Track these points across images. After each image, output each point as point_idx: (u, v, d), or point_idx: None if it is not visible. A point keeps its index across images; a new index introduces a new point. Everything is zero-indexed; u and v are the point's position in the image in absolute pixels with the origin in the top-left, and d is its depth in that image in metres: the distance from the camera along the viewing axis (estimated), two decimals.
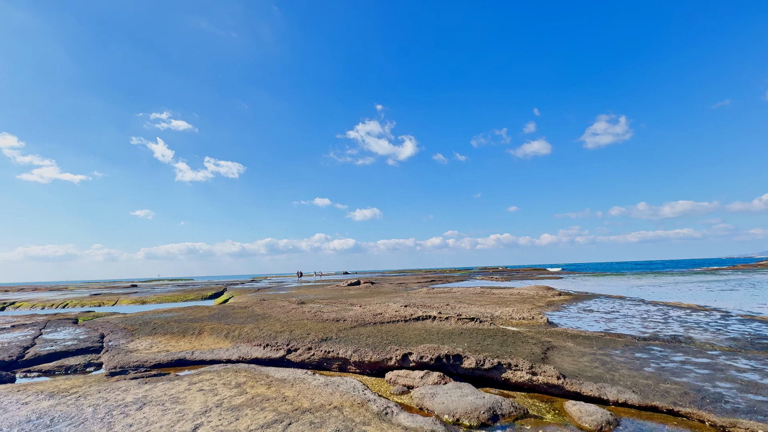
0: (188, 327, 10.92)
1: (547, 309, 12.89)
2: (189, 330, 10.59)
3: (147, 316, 14.27)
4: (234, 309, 14.79)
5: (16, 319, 15.38)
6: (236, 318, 12.07)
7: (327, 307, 13.67)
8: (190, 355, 8.29)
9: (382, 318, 9.92)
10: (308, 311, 11.60)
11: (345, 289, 26.96)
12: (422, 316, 9.77)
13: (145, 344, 9.42)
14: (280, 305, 14.00)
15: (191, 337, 9.96)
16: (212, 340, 9.46)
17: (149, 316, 14.00)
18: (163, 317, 13.48)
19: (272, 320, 10.85)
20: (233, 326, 10.50)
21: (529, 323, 9.61)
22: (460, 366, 6.05)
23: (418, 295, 18.12)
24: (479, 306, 12.59)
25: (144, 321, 12.55)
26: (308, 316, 10.89)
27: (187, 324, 11.48)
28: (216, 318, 12.36)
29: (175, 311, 15.71)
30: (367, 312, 10.73)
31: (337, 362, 7.20)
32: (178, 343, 9.48)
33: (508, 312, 10.59)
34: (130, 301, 28.13)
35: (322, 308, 12.83)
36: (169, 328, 11.03)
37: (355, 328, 9.00)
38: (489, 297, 16.10)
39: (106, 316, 15.79)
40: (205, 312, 14.56)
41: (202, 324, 11.28)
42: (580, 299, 15.85)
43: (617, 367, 6.03)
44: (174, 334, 10.33)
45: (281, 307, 13.41)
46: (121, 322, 12.80)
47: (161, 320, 12.57)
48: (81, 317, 15.64)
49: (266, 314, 12.28)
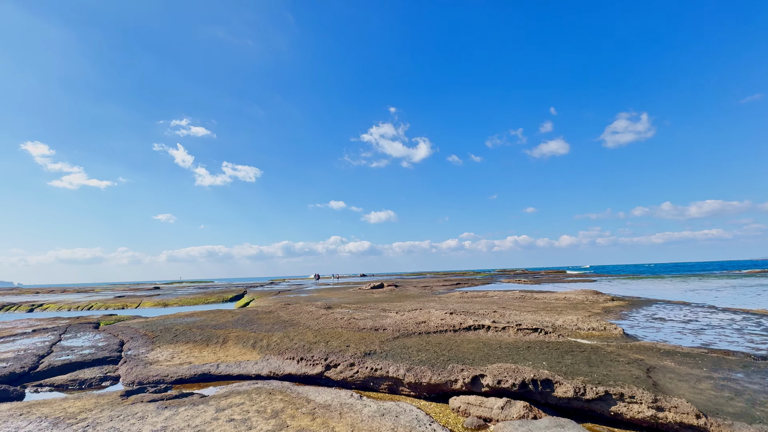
0: (212, 334, 10.01)
1: (608, 316, 11.35)
2: (212, 338, 9.67)
3: (168, 320, 13.54)
4: (258, 314, 13.88)
5: (39, 322, 14.98)
6: (262, 325, 11.10)
7: (358, 313, 12.55)
8: (215, 369, 7.30)
9: (427, 327, 8.70)
10: (340, 318, 10.49)
11: (369, 293, 25.85)
12: (474, 326, 8.49)
13: (166, 354, 8.53)
14: (307, 310, 12.98)
15: (215, 346, 9.02)
16: (238, 350, 8.48)
17: (170, 321, 13.25)
18: (185, 323, 12.68)
19: (302, 328, 9.81)
20: (260, 334, 9.51)
21: (601, 335, 8.19)
22: (551, 394, 4.77)
23: (451, 300, 16.81)
24: (530, 313, 11.20)
25: (165, 327, 11.77)
26: (341, 323, 9.78)
27: (210, 331, 10.59)
28: (240, 324, 11.44)
29: (197, 315, 14.97)
30: (408, 320, 9.54)
31: (386, 382, 6.04)
32: (201, 353, 8.55)
33: (571, 321, 9.18)
34: (153, 304, 27.91)
35: (354, 314, 11.72)
36: (192, 335, 10.15)
37: (399, 339, 7.82)
38: (533, 302, 14.62)
39: (127, 320, 15.22)
40: (228, 317, 13.71)
41: (227, 331, 10.36)
42: (638, 305, 14.15)
43: (760, 398, 4.62)
44: (197, 342, 9.43)
45: (309, 313, 12.38)
46: (142, 328, 12.07)
47: (183, 326, 11.75)
48: (103, 321, 15.11)
49: (294, 321, 11.26)
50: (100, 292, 44.82)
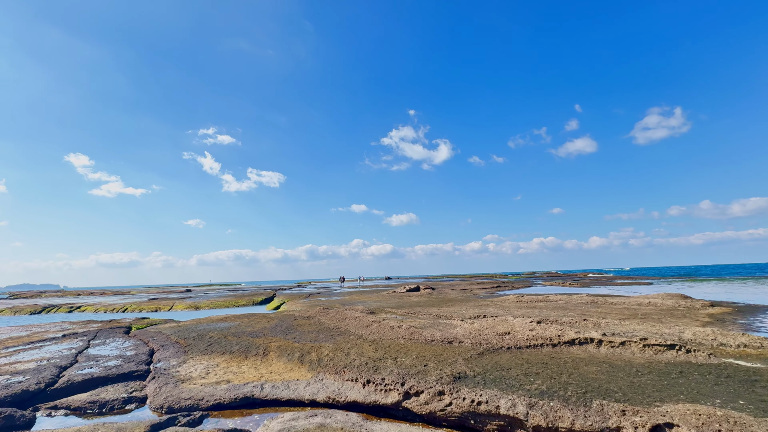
0: (250, 344, 8.66)
1: (733, 327, 9.11)
2: (251, 348, 8.30)
3: (201, 326, 12.42)
4: (296, 320, 12.51)
5: (72, 326, 14.33)
6: (304, 333, 9.67)
7: (411, 320, 10.89)
8: (259, 391, 5.85)
9: (514, 340, 6.91)
10: (397, 326, 8.87)
11: (405, 296, 24.15)
12: (579, 339, 6.62)
13: (200, 368, 7.20)
14: (352, 316, 11.45)
15: (255, 359, 7.63)
16: (283, 365, 7.03)
17: (203, 327, 12.12)
18: (219, 329, 11.49)
19: (354, 338, 8.26)
20: (306, 345, 8.05)
21: (761, 354, 6.11)
22: None
23: (508, 304, 14.83)
24: (629, 321, 9.12)
25: (198, 333, 10.58)
26: (401, 333, 8.15)
27: (247, 339, 9.26)
28: (280, 332, 10.06)
29: (230, 319, 13.83)
30: (484, 330, 7.77)
31: (496, 421, 4.33)
32: (240, 367, 7.16)
33: (704, 334, 7.10)
34: (185, 307, 27.48)
35: (410, 322, 10.06)
36: (228, 344, 8.85)
37: (487, 357, 6.09)
38: (612, 308, 12.43)
39: (159, 324, 14.31)
40: (264, 322, 12.43)
41: (266, 340, 8.99)
42: (751, 312, 11.66)
43: None
44: (234, 353, 8.09)
45: (355, 319, 10.85)
46: (173, 334, 10.96)
47: (217, 332, 10.52)
48: (135, 325, 14.27)
49: (341, 329, 9.75)
50: (136, 294, 45.64)
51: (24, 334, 12.52)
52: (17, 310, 27.80)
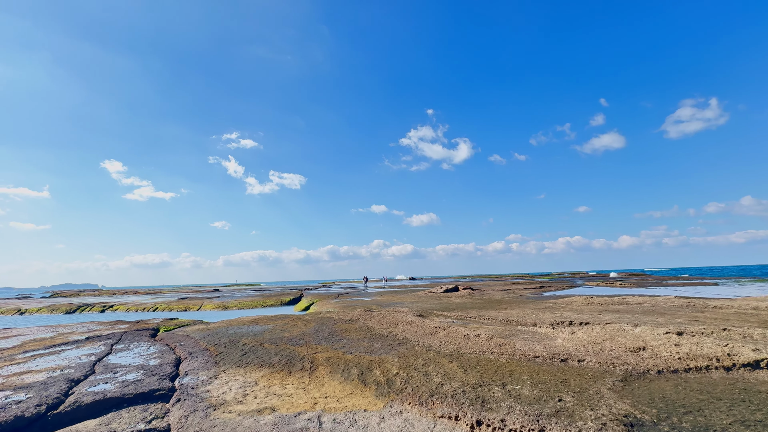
0: (292, 355, 7.13)
1: None
2: (294, 360, 6.77)
3: (232, 329, 11.11)
4: (337, 323, 10.97)
5: (99, 327, 13.44)
6: (353, 340, 8.07)
7: (485, 328, 9.06)
8: (316, 428, 4.25)
9: (659, 359, 4.98)
10: (474, 335, 7.08)
11: (444, 297, 22.24)
12: (764, 360, 4.61)
13: (236, 387, 5.71)
14: (403, 320, 9.77)
15: (301, 374, 6.07)
16: (339, 385, 5.42)
17: (235, 330, 10.79)
18: (252, 333, 10.11)
19: (422, 349, 6.56)
20: (362, 357, 6.42)
21: None
22: None
23: (576, 306, 12.68)
24: None
25: (230, 339, 9.22)
26: (485, 345, 6.36)
27: (287, 348, 7.76)
28: (324, 339, 8.51)
29: (262, 321, 12.49)
30: (602, 343, 5.86)
31: None
32: (284, 387, 5.61)
33: None
34: (213, 306, 26.78)
35: (482, 329, 8.24)
36: (265, 354, 7.36)
37: (638, 384, 4.23)
38: (720, 312, 10.11)
39: (188, 326, 13.19)
40: (301, 326, 10.96)
41: (311, 349, 7.44)
42: None
43: None
44: (274, 366, 6.57)
45: (410, 324, 9.15)
46: (202, 339, 9.66)
47: (251, 338, 9.11)
48: (162, 327, 13.22)
49: (396, 336, 8.08)
50: (166, 294, 46.06)
51: (49, 335, 11.66)
52: (54, 308, 28.02)
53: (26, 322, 21.93)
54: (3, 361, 8.19)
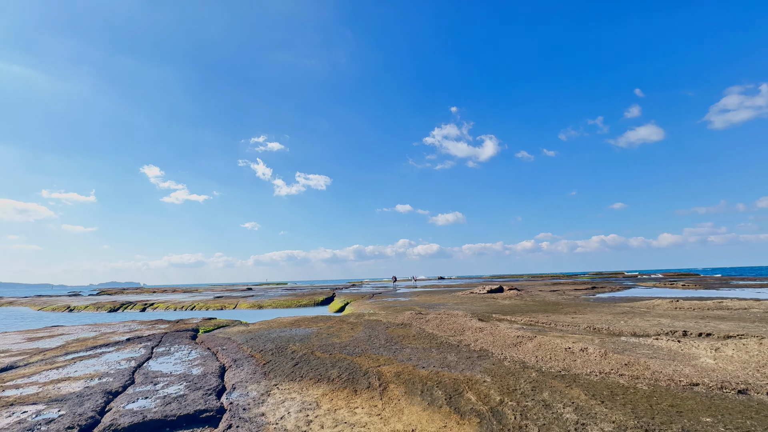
0: (352, 367, 6.05)
1: None
2: (357, 375, 5.68)
3: (274, 331, 10.27)
4: (389, 327, 9.84)
5: (140, 326, 13.11)
6: (417, 350, 6.89)
7: (574, 338, 7.60)
8: None
9: None
10: (579, 350, 5.69)
11: (489, 298, 20.63)
12: None
13: (295, 410, 4.68)
14: (469, 325, 8.47)
15: (370, 394, 4.96)
16: (424, 413, 4.24)
17: (277, 333, 9.93)
18: (298, 337, 9.18)
19: (515, 366, 5.27)
20: (441, 374, 5.22)
21: None
22: None
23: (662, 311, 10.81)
24: None
25: (276, 344, 8.32)
26: (605, 365, 4.96)
27: (345, 359, 6.70)
28: (381, 347, 7.39)
29: (303, 324, 11.60)
30: None
31: None
32: (353, 412, 4.51)
33: None
34: (248, 305, 26.59)
35: (563, 337, 6.81)
36: (320, 365, 6.33)
37: None
38: None
39: (227, 327, 12.57)
40: (347, 329, 9.94)
41: (371, 361, 6.33)
42: None
43: None
44: (334, 382, 5.50)
45: (478, 330, 7.85)
46: (245, 343, 8.84)
47: (299, 344, 8.16)
48: (202, 327, 12.67)
49: (469, 345, 6.81)
50: (203, 292, 47.09)
51: (91, 335, 11.37)
52: (99, 306, 28.94)
53: (73, 319, 22.53)
54: (44, 364, 7.71)
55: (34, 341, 10.46)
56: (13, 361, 7.97)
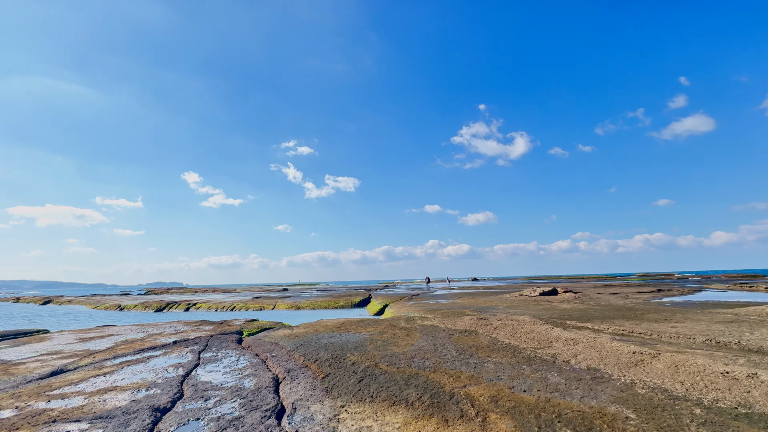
0: (431, 386, 5.00)
1: None
2: (441, 397, 4.62)
3: (323, 336, 9.45)
4: (451, 335, 8.70)
5: (186, 327, 12.85)
6: (501, 364, 5.71)
7: (700, 358, 6.12)
8: None
9: None
10: (745, 376, 4.27)
11: (544, 301, 18.86)
12: None
13: None
14: (553, 335, 7.16)
15: (468, 427, 3.87)
16: None
17: (327, 339, 9.10)
18: (351, 343, 8.28)
19: (657, 395, 3.99)
20: (555, 402, 4.04)
21: None
22: None
23: None
24: None
25: (330, 352, 7.45)
26: None
27: (417, 374, 5.66)
28: (457, 360, 6.27)
29: (351, 328, 10.73)
30: None
31: None
32: None
33: None
34: (287, 306, 26.39)
35: (691, 354, 5.35)
36: (390, 382, 5.34)
37: None
38: None
39: (271, 330, 11.98)
40: (403, 336, 8.92)
41: (453, 379, 5.24)
42: None
43: None
44: (414, 407, 4.48)
45: (570, 342, 6.53)
46: (295, 350, 8.06)
47: (356, 353, 7.23)
48: (246, 329, 12.17)
49: (568, 361, 5.55)
50: (241, 292, 48.14)
51: (139, 336, 11.16)
52: (147, 305, 29.99)
53: (123, 318, 23.26)
54: (92, 368, 7.34)
55: (86, 342, 10.35)
56: (64, 363, 7.69)
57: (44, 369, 7.30)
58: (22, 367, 7.55)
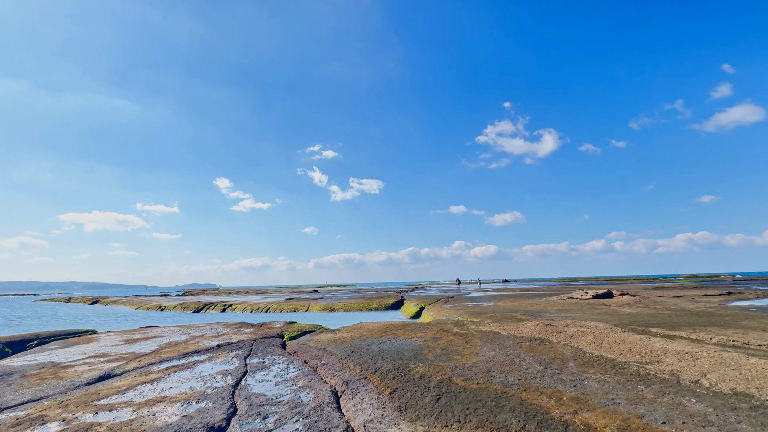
0: (529, 409, 4.07)
1: None
2: (549, 425, 3.69)
3: (372, 342, 8.70)
4: (521, 343, 7.68)
5: (226, 330, 12.54)
6: (607, 382, 4.67)
7: None
8: None
9: None
10: None
11: (599, 304, 17.21)
12: None
13: None
14: (662, 347, 6.00)
15: None
16: None
17: (377, 345, 8.34)
18: (408, 350, 7.46)
19: None
20: None
21: None
22: None
23: None
24: None
25: (390, 362, 6.66)
26: None
27: (504, 393, 4.75)
28: (545, 375, 5.29)
29: (398, 332, 9.93)
30: None
31: None
32: None
33: None
34: (320, 308, 26.02)
35: None
36: (476, 403, 4.46)
37: None
38: None
39: (312, 333, 11.41)
40: (460, 343, 8.00)
41: (554, 401, 4.28)
42: None
43: None
44: None
45: (689, 357, 5.38)
46: (347, 357, 7.34)
47: (421, 364, 6.40)
48: (286, 333, 11.67)
49: (697, 381, 4.44)
50: (272, 294, 48.70)
51: (182, 338, 10.91)
52: (185, 306, 30.68)
53: (164, 319, 23.73)
54: (139, 374, 6.98)
55: (131, 344, 10.18)
56: (111, 368, 7.39)
57: (92, 373, 7.01)
58: (71, 370, 7.31)
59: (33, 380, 6.68)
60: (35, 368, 7.56)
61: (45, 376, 6.89)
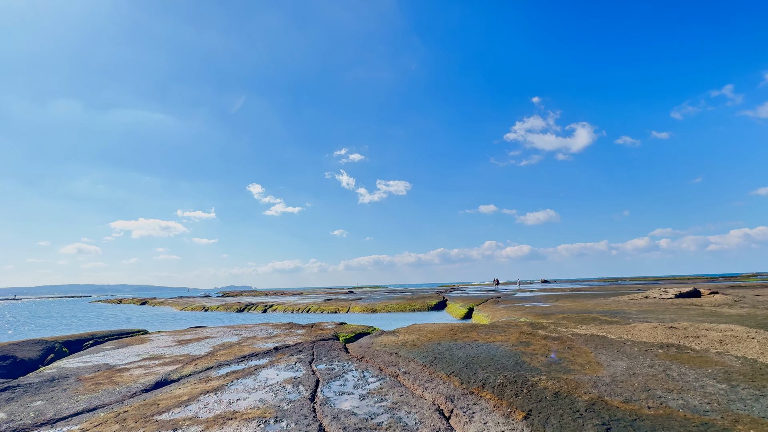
0: None
1: None
2: None
3: (449, 347, 7.44)
4: (648, 348, 6.13)
5: (276, 330, 11.75)
6: None
7: None
8: None
9: None
10: None
11: (689, 305, 14.89)
12: None
13: None
14: None
15: None
16: None
17: (457, 350, 7.08)
18: (504, 357, 6.15)
19: None
20: None
21: None
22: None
23: None
24: None
25: (493, 372, 5.38)
26: None
27: (690, 421, 3.33)
28: (742, 397, 3.80)
29: (470, 335, 8.62)
30: None
31: None
32: None
33: None
34: (361, 309, 25.10)
35: None
36: None
37: None
38: None
39: (370, 335, 10.34)
40: (567, 351, 6.56)
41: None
42: None
43: None
44: None
45: None
46: (431, 365, 6.14)
47: (545, 376, 5.07)
48: (340, 335, 10.68)
49: None
50: (308, 295, 48.62)
51: (234, 339, 10.20)
52: (228, 307, 30.91)
53: (209, 319, 23.74)
54: (198, 380, 6.17)
55: (183, 345, 9.58)
56: (167, 372, 6.67)
57: (148, 378, 6.29)
58: (126, 374, 6.65)
59: (88, 385, 6.04)
60: (90, 371, 6.99)
61: (100, 381, 6.25)
